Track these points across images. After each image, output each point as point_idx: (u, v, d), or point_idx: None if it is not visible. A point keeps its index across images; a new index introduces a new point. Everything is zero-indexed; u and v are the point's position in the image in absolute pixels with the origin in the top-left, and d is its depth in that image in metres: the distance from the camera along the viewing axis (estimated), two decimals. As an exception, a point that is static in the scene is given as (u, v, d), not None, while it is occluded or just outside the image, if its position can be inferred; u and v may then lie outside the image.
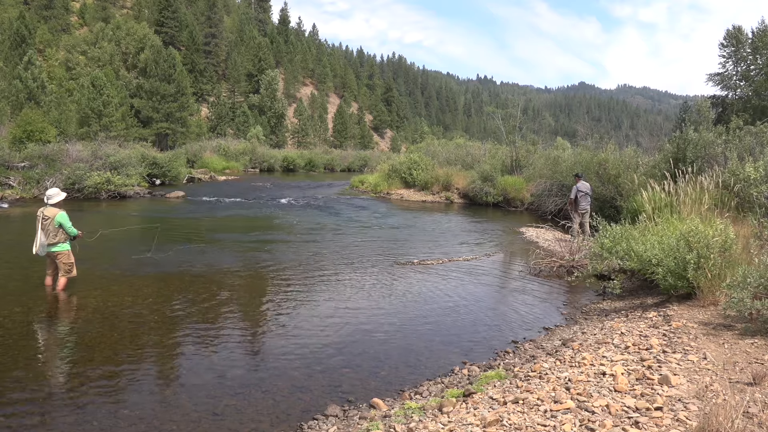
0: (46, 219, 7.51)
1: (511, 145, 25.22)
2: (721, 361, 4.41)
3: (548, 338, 6.30)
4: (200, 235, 13.40)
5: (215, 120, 67.68)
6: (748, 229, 7.72)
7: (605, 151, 17.41)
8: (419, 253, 11.33)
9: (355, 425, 4.12)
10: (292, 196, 23.97)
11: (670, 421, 3.30)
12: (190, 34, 71.29)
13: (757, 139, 12.65)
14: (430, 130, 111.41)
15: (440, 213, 19.66)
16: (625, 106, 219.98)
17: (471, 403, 4.08)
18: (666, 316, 6.02)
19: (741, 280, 5.43)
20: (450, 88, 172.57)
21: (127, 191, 20.94)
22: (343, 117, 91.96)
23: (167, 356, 5.57)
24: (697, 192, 9.66)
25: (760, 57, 38.43)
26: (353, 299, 7.83)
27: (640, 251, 7.42)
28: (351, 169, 53.60)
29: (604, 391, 3.89)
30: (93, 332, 6.13)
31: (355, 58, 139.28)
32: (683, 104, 72.28)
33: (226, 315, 6.97)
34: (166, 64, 54.29)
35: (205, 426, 4.14)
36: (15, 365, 5.14)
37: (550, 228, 12.67)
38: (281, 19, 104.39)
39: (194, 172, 32.63)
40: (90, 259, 9.21)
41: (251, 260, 10.25)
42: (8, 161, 21.02)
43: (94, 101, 42.97)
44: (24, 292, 7.53)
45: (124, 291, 7.78)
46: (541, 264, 9.95)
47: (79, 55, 59.93)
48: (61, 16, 66.67)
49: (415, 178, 25.37)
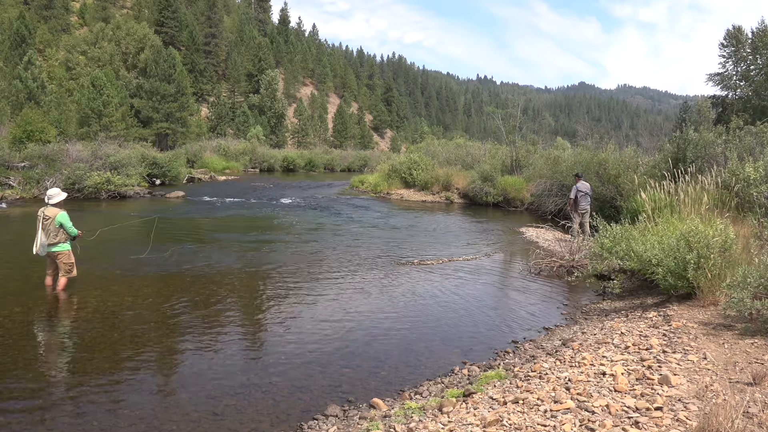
0: (46, 219, 7.52)
1: (511, 145, 25.22)
2: (721, 361, 4.41)
3: (548, 338, 6.30)
4: (200, 235, 13.41)
5: (215, 120, 67.69)
6: (748, 229, 7.72)
7: (605, 151, 17.41)
8: (419, 253, 11.34)
9: (355, 425, 4.11)
10: (292, 196, 23.97)
11: (670, 421, 3.30)
12: (190, 34, 71.32)
13: (757, 139, 12.65)
14: (430, 130, 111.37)
15: (440, 213, 19.66)
16: (625, 106, 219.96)
17: (471, 403, 4.08)
18: (666, 316, 6.02)
19: (741, 280, 5.43)
20: (450, 88, 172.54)
21: (127, 191, 20.95)
22: (343, 117, 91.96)
23: (167, 356, 5.57)
24: (697, 192, 9.66)
25: (760, 57, 38.43)
26: (353, 299, 7.83)
27: (640, 251, 7.42)
28: (351, 169, 53.60)
29: (604, 391, 3.89)
30: (93, 332, 6.13)
31: (355, 58, 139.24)
32: (683, 104, 72.33)
33: (226, 315, 6.97)
34: (166, 64, 54.31)
35: (205, 426, 4.14)
36: (15, 365, 5.14)
37: (550, 228, 12.67)
38: (281, 19, 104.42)
39: (194, 172, 32.63)
40: (90, 259, 9.21)
41: (251, 260, 10.25)
42: (8, 161, 21.03)
43: (94, 101, 42.97)
44: (24, 292, 7.54)
45: (124, 291, 7.78)
46: (541, 264, 9.96)
47: (79, 55, 59.94)
48: (61, 16, 66.70)
49: (415, 178, 25.36)
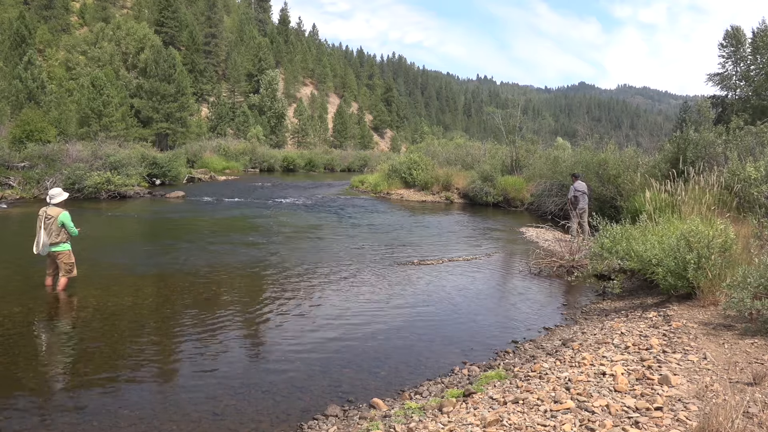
0: (49, 218, 7.52)
1: (511, 145, 25.20)
2: (721, 361, 4.41)
3: (548, 338, 6.29)
4: (200, 235, 13.40)
5: (215, 120, 67.66)
6: (748, 229, 7.72)
7: (605, 151, 17.41)
8: (419, 253, 11.33)
9: (355, 425, 4.11)
10: (292, 196, 23.97)
11: (670, 421, 3.29)
12: (190, 34, 71.29)
13: (757, 139, 12.65)
14: (430, 130, 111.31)
15: (440, 213, 19.65)
16: (625, 106, 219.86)
17: (471, 403, 4.08)
18: (666, 316, 6.02)
19: (741, 280, 5.43)
20: (450, 88, 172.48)
21: (127, 191, 20.94)
22: (343, 117, 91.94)
23: (167, 356, 5.57)
24: (697, 192, 9.65)
25: (760, 57, 38.44)
26: (353, 299, 7.83)
27: (640, 251, 7.41)
28: (351, 169, 53.58)
29: (604, 391, 3.89)
30: (93, 332, 6.13)
31: (355, 58, 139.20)
32: (683, 104, 72.31)
33: (226, 315, 6.97)
34: (166, 64, 54.29)
35: (205, 426, 4.14)
36: (15, 365, 5.14)
37: (550, 228, 12.66)
38: (281, 19, 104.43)
39: (194, 172, 32.61)
40: (90, 259, 9.21)
41: (251, 260, 10.25)
42: (8, 161, 21.04)
43: (94, 101, 42.96)
44: (24, 292, 7.54)
45: (124, 291, 7.79)
46: (541, 264, 9.95)
47: (79, 55, 59.93)
48: (61, 16, 66.68)
49: (415, 178, 25.35)
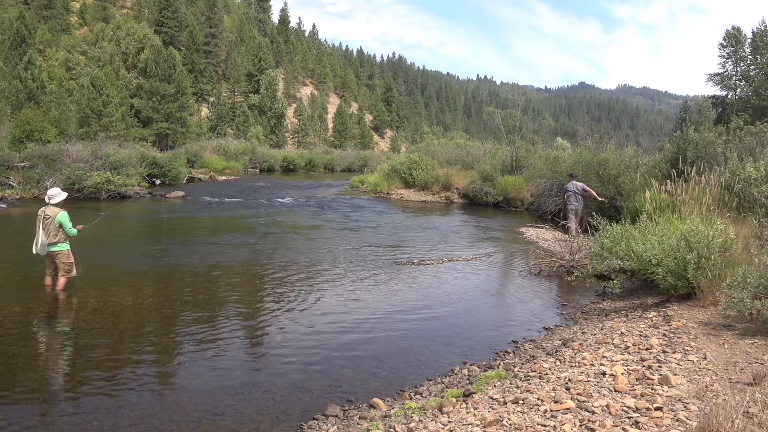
0: (47, 218, 7.52)
1: (511, 145, 25.20)
2: (721, 361, 4.41)
3: (548, 338, 6.29)
4: (200, 234, 13.41)
5: (215, 120, 67.65)
6: (748, 229, 7.72)
7: (605, 151, 17.41)
8: (419, 253, 11.33)
9: (355, 425, 4.11)
10: (292, 196, 23.96)
11: (670, 421, 3.29)
12: (190, 34, 71.28)
13: (757, 139, 12.63)
14: (430, 130, 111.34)
15: (440, 213, 19.65)
16: (625, 106, 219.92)
17: (471, 403, 4.08)
18: (666, 316, 6.02)
19: (741, 280, 5.43)
20: (450, 88, 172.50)
21: (127, 191, 20.92)
22: (343, 117, 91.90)
23: (167, 356, 5.57)
24: (697, 192, 9.65)
25: (760, 57, 38.44)
26: (353, 299, 7.83)
27: (640, 251, 7.41)
28: (351, 169, 53.55)
29: (604, 391, 3.88)
30: (93, 332, 6.13)
31: (355, 59, 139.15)
32: (683, 104, 72.29)
33: (226, 315, 6.97)
34: (166, 64, 54.28)
35: (205, 426, 4.14)
36: (15, 365, 5.14)
37: (550, 228, 12.66)
38: (281, 19, 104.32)
39: (194, 172, 32.58)
40: (90, 259, 9.21)
41: (251, 260, 10.25)
42: (8, 161, 21.01)
43: (94, 101, 42.98)
44: (24, 292, 7.54)
45: (124, 291, 7.78)
46: (541, 264, 9.95)
47: (79, 55, 59.91)
48: (61, 16, 66.57)
49: (415, 178, 25.34)
